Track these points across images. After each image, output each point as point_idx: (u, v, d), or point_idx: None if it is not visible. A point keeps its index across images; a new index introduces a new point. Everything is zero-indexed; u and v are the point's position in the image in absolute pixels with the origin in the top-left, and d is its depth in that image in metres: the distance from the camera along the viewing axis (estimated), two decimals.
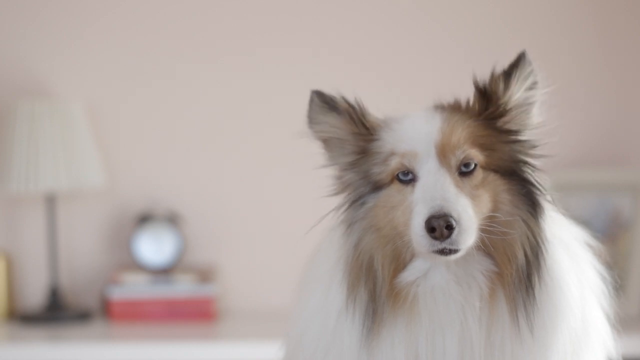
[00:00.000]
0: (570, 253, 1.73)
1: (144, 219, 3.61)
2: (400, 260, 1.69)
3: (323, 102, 1.74)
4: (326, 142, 1.76)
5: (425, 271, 1.69)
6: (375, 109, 1.76)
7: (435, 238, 1.61)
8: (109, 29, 3.67)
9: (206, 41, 3.68)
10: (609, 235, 3.50)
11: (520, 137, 1.71)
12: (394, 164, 1.69)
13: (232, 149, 3.69)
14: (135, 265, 3.60)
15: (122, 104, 3.68)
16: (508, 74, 1.71)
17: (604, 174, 3.58)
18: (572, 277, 1.70)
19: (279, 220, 3.68)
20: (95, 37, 3.66)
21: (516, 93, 1.71)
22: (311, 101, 1.75)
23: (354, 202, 1.72)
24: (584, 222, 1.82)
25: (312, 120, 1.76)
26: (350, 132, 1.73)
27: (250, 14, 3.68)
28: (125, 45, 3.67)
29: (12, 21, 3.65)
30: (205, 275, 3.59)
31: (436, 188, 1.64)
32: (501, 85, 1.70)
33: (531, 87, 1.72)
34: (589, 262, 1.75)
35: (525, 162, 1.70)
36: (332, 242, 1.75)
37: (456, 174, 1.67)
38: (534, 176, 1.70)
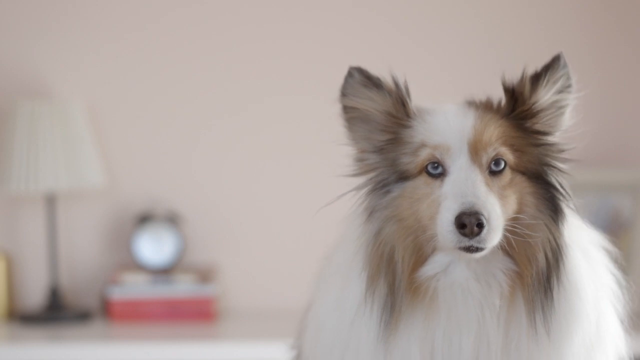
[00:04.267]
0: (587, 257, 1.73)
1: (144, 219, 3.61)
2: (421, 253, 1.68)
3: (366, 78, 1.71)
4: (355, 118, 1.73)
5: (446, 266, 1.68)
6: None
7: (464, 235, 1.61)
8: (109, 29, 3.67)
9: (206, 41, 3.68)
10: (609, 235, 3.49)
11: (548, 140, 1.71)
12: (424, 155, 1.68)
13: (233, 149, 3.69)
14: (135, 265, 3.60)
15: (122, 104, 3.68)
16: (538, 75, 1.71)
17: (604, 174, 3.58)
18: (589, 282, 1.70)
19: (279, 221, 3.68)
20: (95, 37, 3.66)
21: (545, 95, 1.71)
22: (350, 75, 1.72)
23: (376, 189, 1.70)
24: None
25: (348, 93, 1.72)
26: (387, 113, 1.71)
27: (250, 13, 3.68)
28: (125, 45, 3.67)
29: (12, 21, 3.65)
30: (205, 275, 3.59)
31: (467, 184, 1.63)
32: (528, 87, 1.70)
33: (562, 90, 1.72)
34: (605, 267, 1.76)
35: (552, 166, 1.70)
36: (351, 231, 1.73)
37: (486, 172, 1.67)
38: (559, 181, 1.70)
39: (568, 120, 1.73)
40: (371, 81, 1.71)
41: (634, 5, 3.69)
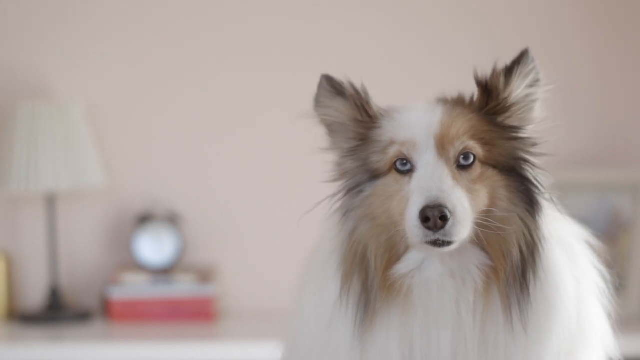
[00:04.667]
0: (568, 251, 1.72)
1: (144, 219, 3.61)
2: (394, 251, 1.69)
3: (330, 87, 1.74)
4: (330, 127, 1.75)
5: (420, 263, 1.68)
6: (379, 100, 1.75)
7: (428, 228, 1.61)
8: (109, 29, 3.67)
9: (207, 41, 3.68)
10: (609, 235, 3.49)
11: (520, 134, 1.71)
12: (392, 152, 1.69)
13: (233, 149, 3.69)
14: (135, 265, 3.61)
15: (122, 104, 3.68)
16: (510, 69, 1.71)
17: (604, 174, 3.58)
18: (568, 276, 1.69)
19: (279, 220, 3.68)
20: (95, 37, 3.66)
21: (517, 89, 1.71)
22: (320, 85, 1.75)
23: (350, 189, 1.71)
24: (583, 222, 1.82)
25: (318, 103, 1.75)
26: (353, 119, 1.73)
27: (250, 15, 3.68)
28: (126, 45, 3.67)
29: (12, 21, 3.65)
30: (205, 275, 3.59)
31: (433, 179, 1.64)
32: (502, 80, 1.70)
33: (533, 85, 1.72)
34: (587, 261, 1.74)
35: (525, 160, 1.70)
36: (328, 232, 1.74)
37: (454, 166, 1.67)
38: (533, 174, 1.70)
39: (539, 114, 1.73)
40: (335, 89, 1.74)
41: (634, 5, 3.68)
